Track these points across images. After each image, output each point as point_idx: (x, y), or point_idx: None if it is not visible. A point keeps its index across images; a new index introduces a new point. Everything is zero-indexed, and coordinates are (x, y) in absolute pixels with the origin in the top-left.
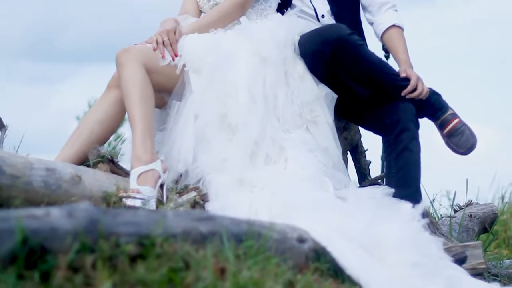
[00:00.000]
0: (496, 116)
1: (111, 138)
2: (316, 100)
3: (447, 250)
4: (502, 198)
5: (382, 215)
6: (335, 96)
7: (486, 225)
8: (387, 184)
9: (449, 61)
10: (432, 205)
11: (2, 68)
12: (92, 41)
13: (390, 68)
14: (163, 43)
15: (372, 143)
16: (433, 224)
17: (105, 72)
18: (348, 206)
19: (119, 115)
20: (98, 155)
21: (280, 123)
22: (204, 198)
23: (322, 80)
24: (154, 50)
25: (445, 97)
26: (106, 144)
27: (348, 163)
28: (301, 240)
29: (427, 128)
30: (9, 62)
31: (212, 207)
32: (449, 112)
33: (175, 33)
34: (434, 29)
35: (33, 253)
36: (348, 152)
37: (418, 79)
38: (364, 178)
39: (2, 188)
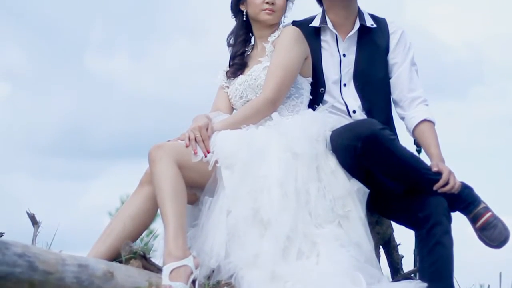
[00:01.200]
0: None
1: (144, 234)
2: (348, 195)
3: None
4: None
5: None
6: (367, 190)
7: None
8: (420, 278)
9: (481, 154)
10: None
11: (34, 164)
12: (123, 138)
13: (422, 163)
14: (196, 140)
15: (405, 237)
16: None
17: (136, 169)
18: None
19: (152, 211)
20: (131, 251)
21: (312, 218)
22: None
23: (354, 175)
24: (187, 146)
25: (477, 190)
26: (138, 240)
27: (381, 258)
28: None
29: (459, 222)
30: (40, 158)
31: None
32: (482, 205)
33: (207, 129)
34: (466, 123)
35: None
36: (381, 246)
37: (450, 173)
38: (397, 272)
39: (35, 284)
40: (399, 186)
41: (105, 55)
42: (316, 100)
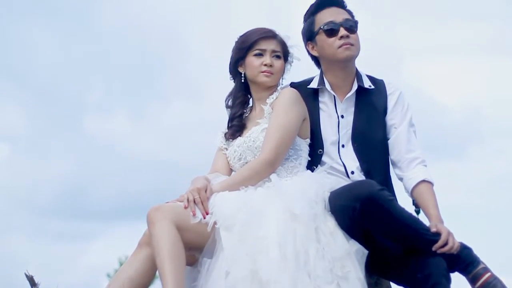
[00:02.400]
0: None
1: None
2: (347, 255)
3: None
4: None
5: None
6: (366, 251)
7: None
8: None
9: (480, 214)
10: None
11: (33, 226)
12: (121, 200)
13: (421, 223)
14: (194, 201)
15: None
16: None
17: (135, 230)
18: None
19: (150, 273)
20: None
21: (311, 279)
22: None
23: (352, 236)
24: (185, 208)
25: (476, 250)
26: None
27: None
28: None
29: (458, 282)
30: (39, 220)
31: None
32: (481, 266)
33: (206, 191)
34: (464, 182)
35: None
36: None
37: (449, 233)
38: None
39: None
40: (398, 247)
41: (104, 116)
42: (314, 161)
